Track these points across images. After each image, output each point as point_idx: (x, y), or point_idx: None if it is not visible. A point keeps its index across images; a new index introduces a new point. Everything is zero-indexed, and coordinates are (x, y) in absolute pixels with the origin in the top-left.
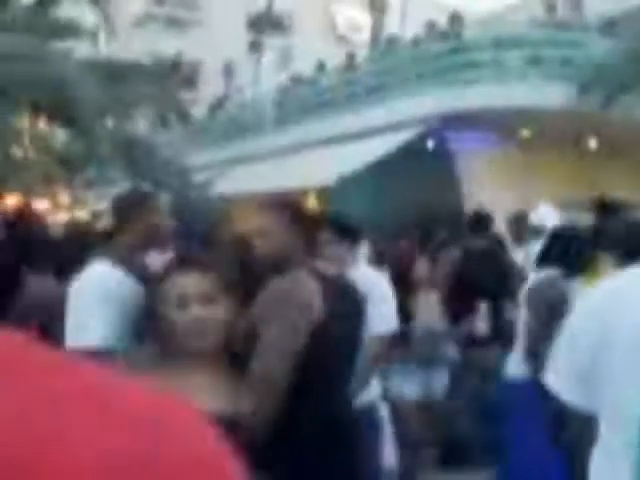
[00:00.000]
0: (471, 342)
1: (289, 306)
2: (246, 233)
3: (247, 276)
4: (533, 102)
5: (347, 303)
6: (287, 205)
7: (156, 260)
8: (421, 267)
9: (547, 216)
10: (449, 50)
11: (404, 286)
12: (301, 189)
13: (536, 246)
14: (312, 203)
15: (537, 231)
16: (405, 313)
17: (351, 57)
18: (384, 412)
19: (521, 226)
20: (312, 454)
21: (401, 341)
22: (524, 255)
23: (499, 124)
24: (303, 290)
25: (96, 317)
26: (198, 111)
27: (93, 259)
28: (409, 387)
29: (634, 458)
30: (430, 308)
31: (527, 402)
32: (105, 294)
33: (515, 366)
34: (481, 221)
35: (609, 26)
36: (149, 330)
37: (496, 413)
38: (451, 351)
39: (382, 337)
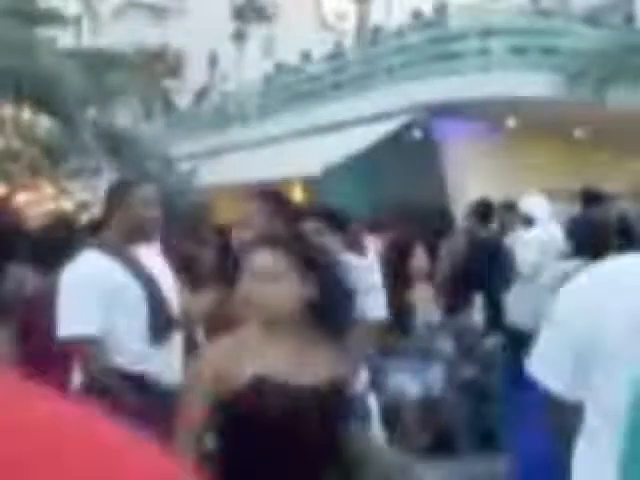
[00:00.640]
0: (469, 333)
1: None
2: (228, 222)
3: (230, 263)
4: (519, 92)
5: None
6: (269, 196)
7: (143, 250)
8: (419, 259)
9: (537, 206)
10: (434, 39)
11: (402, 278)
12: (286, 179)
13: (526, 235)
14: (297, 193)
15: (527, 220)
16: (402, 306)
17: (339, 46)
18: (373, 402)
19: (510, 215)
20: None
21: (400, 334)
22: (512, 244)
23: (485, 114)
24: None
25: (88, 306)
26: (182, 100)
27: (84, 249)
28: (409, 383)
29: (621, 445)
30: (426, 300)
31: None
32: (97, 283)
33: None
34: (486, 210)
35: (593, 15)
36: None
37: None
38: (447, 344)
39: (370, 325)
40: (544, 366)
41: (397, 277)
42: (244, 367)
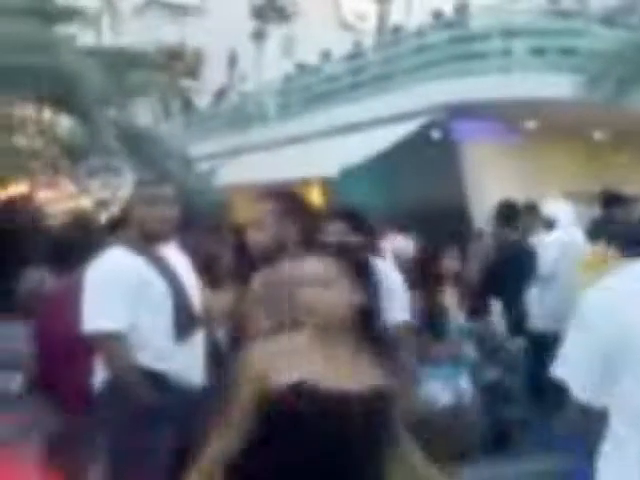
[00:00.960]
0: (492, 337)
1: (270, 298)
2: (243, 223)
3: (245, 262)
4: (539, 93)
5: None
6: (282, 196)
7: (166, 248)
8: (450, 261)
9: (560, 209)
10: (454, 39)
11: (433, 279)
12: (304, 179)
13: (547, 237)
14: (315, 194)
15: (548, 223)
16: (434, 308)
17: (358, 46)
18: None
19: (531, 218)
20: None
21: (433, 339)
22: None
23: (505, 115)
24: (289, 281)
25: (114, 302)
26: (201, 100)
27: (109, 246)
28: (440, 391)
29: None
30: (453, 303)
31: None
32: (122, 279)
33: None
34: (511, 212)
35: (610, 16)
36: None
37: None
38: (471, 348)
39: (395, 327)
40: (570, 371)
41: (429, 278)
42: (292, 370)
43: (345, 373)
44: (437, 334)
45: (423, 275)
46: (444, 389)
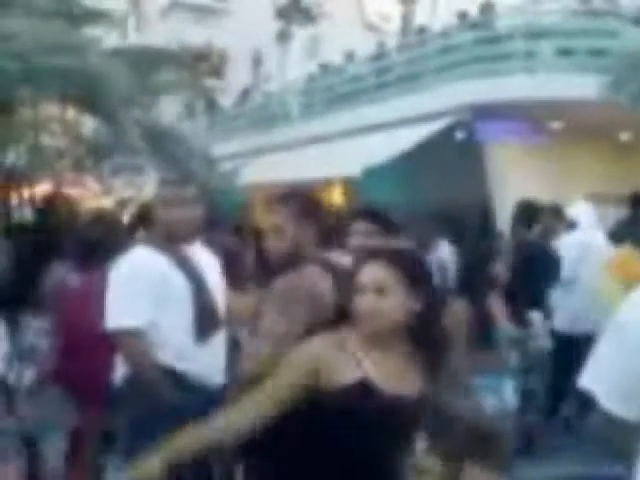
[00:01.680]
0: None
1: (291, 301)
2: (262, 227)
3: (264, 266)
4: (565, 94)
5: None
6: (296, 199)
7: (191, 247)
8: (498, 265)
9: (584, 212)
10: (480, 40)
11: (483, 284)
12: (327, 179)
13: (567, 239)
14: (338, 193)
15: (570, 225)
16: (483, 315)
17: (381, 46)
18: None
19: (555, 219)
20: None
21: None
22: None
23: (530, 116)
24: (310, 289)
25: (137, 299)
26: (225, 100)
27: (133, 245)
28: (484, 401)
29: None
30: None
31: None
32: (146, 277)
33: None
34: (531, 212)
35: None
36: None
37: None
38: (516, 358)
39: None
40: (601, 383)
41: (476, 285)
42: (345, 370)
43: (395, 378)
44: (485, 342)
45: (470, 282)
46: (488, 399)
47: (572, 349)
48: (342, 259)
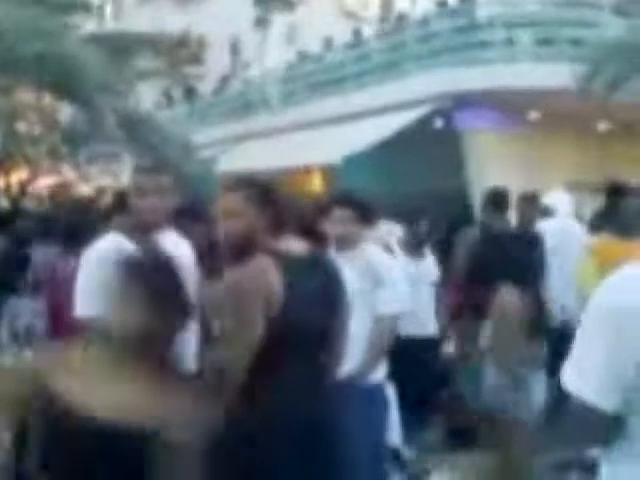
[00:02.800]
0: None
1: (241, 297)
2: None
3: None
4: (544, 83)
5: (317, 283)
6: (254, 185)
7: (165, 236)
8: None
9: (561, 200)
10: (459, 29)
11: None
12: (306, 167)
13: (542, 225)
14: (317, 181)
15: (545, 212)
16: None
17: (357, 33)
18: (390, 392)
19: (530, 207)
20: (271, 450)
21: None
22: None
23: (508, 104)
24: (260, 279)
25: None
26: (204, 87)
27: (106, 231)
28: (538, 394)
29: None
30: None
31: None
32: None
33: None
34: (501, 200)
35: (623, 5)
36: None
37: None
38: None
39: (389, 318)
40: (587, 384)
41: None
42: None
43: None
44: (538, 333)
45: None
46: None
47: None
48: (293, 245)
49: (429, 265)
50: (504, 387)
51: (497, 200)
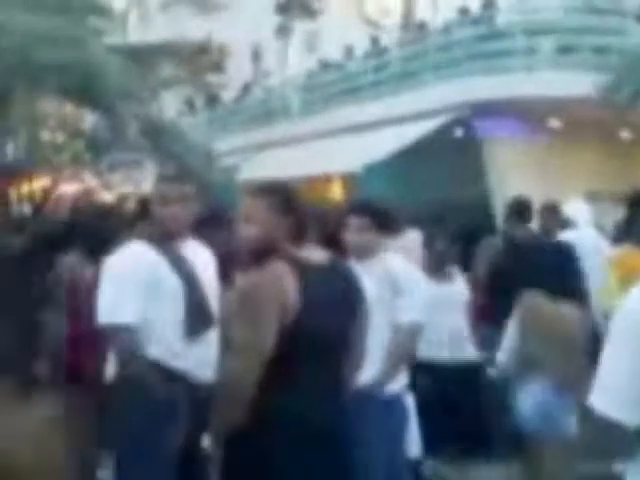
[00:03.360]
0: None
1: (254, 303)
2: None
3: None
4: (565, 91)
5: (336, 291)
6: (275, 191)
7: (188, 244)
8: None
9: (579, 211)
10: (480, 37)
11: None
12: (326, 175)
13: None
14: (337, 189)
15: (565, 223)
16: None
17: (375, 42)
18: (410, 402)
19: (551, 217)
20: (285, 460)
21: None
22: None
23: (529, 114)
24: (274, 285)
25: (127, 295)
26: (226, 95)
27: (128, 239)
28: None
29: None
30: None
31: None
32: (137, 273)
33: None
34: (525, 210)
35: None
36: None
37: None
38: None
39: (408, 327)
40: (614, 402)
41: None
42: None
43: None
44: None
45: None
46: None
47: None
48: (314, 253)
49: (458, 286)
50: (553, 405)
51: (521, 210)
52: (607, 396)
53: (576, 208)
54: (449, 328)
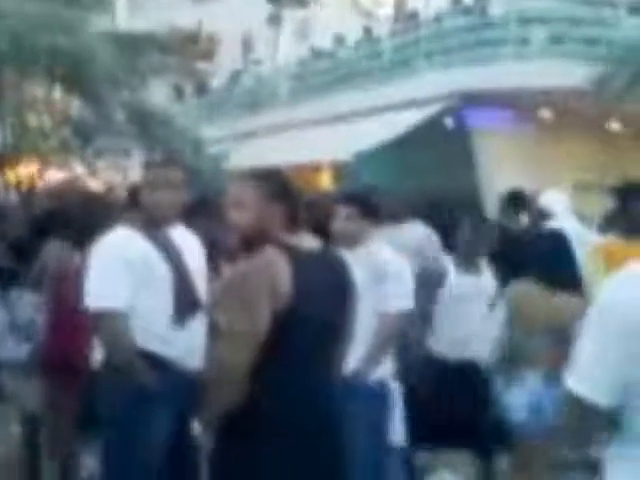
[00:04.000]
0: None
1: (245, 289)
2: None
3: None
4: (556, 82)
5: (327, 279)
6: (269, 178)
7: (176, 231)
8: None
9: (556, 201)
10: (472, 26)
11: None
12: (316, 163)
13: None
14: (326, 178)
15: (543, 215)
16: None
17: (368, 31)
18: (395, 390)
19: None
20: (275, 445)
21: None
22: None
23: (520, 104)
24: (266, 271)
25: (115, 280)
26: (216, 83)
27: (116, 225)
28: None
29: None
30: None
31: None
32: (125, 259)
33: None
34: (521, 202)
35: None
36: None
37: None
38: None
39: (395, 315)
40: (590, 384)
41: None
42: None
43: None
44: None
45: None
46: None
47: None
48: (306, 242)
49: (487, 278)
50: (542, 398)
51: (516, 201)
52: (582, 378)
53: (552, 198)
54: (476, 320)
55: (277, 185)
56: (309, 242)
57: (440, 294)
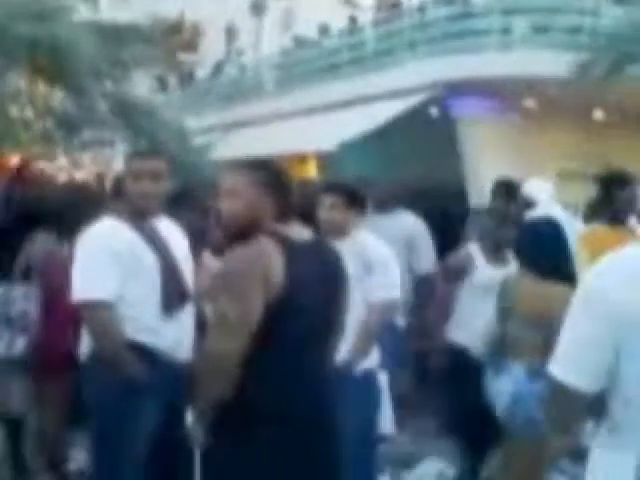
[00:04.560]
0: None
1: (238, 278)
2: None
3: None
4: (540, 71)
5: (320, 269)
6: (260, 167)
7: (161, 221)
8: None
9: (540, 189)
10: (455, 16)
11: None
12: (301, 154)
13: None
14: (311, 168)
15: (527, 204)
16: None
17: (353, 20)
18: (383, 380)
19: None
20: (269, 438)
21: None
22: None
23: (504, 93)
24: (259, 261)
25: (103, 271)
26: (199, 74)
27: (102, 217)
28: None
29: None
30: None
31: None
32: (112, 249)
33: None
34: (513, 190)
35: None
36: None
37: None
38: None
39: (382, 304)
40: (575, 372)
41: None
42: None
43: None
44: None
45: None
46: None
47: None
48: (298, 232)
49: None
50: (530, 391)
51: (509, 190)
52: (567, 364)
53: (536, 187)
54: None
55: (270, 174)
56: (301, 232)
57: (462, 285)
